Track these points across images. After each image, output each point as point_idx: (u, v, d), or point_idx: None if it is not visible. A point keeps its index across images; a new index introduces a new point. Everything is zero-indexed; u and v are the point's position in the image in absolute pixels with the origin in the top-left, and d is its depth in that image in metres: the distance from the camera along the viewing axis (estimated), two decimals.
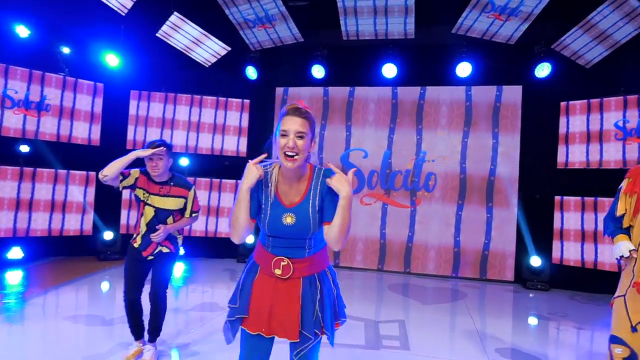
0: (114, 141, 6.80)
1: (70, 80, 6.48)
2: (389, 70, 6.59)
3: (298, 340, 1.82)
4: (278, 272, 1.85)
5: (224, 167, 7.22)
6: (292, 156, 1.73)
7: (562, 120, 6.21)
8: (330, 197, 1.81)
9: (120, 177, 2.98)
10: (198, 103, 7.13)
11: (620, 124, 5.73)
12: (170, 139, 6.97)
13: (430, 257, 6.77)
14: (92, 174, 6.67)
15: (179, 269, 6.37)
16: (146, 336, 3.26)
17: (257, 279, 1.90)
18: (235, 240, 1.86)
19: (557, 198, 6.22)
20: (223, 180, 7.17)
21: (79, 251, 6.79)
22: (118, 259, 6.73)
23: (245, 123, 7.23)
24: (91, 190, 6.71)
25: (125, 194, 6.92)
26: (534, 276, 6.22)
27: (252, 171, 1.77)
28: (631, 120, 5.64)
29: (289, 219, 1.79)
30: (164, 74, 7.13)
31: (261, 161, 1.84)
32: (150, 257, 3.13)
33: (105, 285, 5.50)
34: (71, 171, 6.53)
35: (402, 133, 6.91)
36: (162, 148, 2.98)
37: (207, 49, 6.67)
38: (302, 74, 7.06)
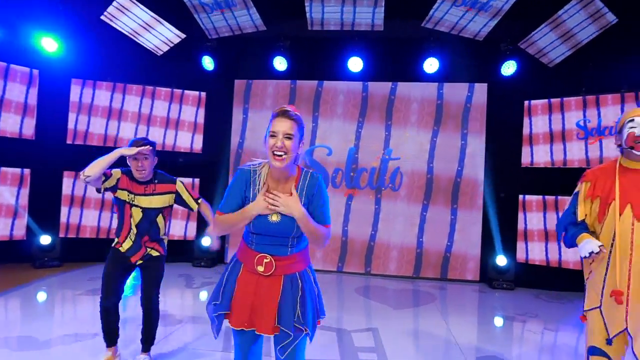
0: (51, 135, 6.09)
1: (0, 65, 5.72)
2: (355, 64, 6.33)
3: (277, 335, 1.90)
4: (260, 269, 1.91)
5: (178, 164, 6.69)
6: (281, 156, 1.81)
7: (526, 119, 6.22)
8: (316, 200, 1.93)
9: (103, 178, 2.84)
10: (150, 94, 6.55)
11: (582, 123, 5.79)
12: (117, 131, 6.36)
13: (392, 257, 6.59)
14: (27, 171, 5.94)
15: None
16: (139, 346, 3.16)
17: (240, 276, 1.96)
18: (217, 234, 2.13)
19: (521, 197, 6.23)
20: (177, 179, 6.63)
21: (9, 258, 6.01)
22: (58, 265, 6.05)
23: (201, 119, 6.75)
24: (25, 192, 5.97)
25: (67, 188, 6.26)
26: (499, 275, 6.19)
27: (261, 204, 1.85)
28: (592, 120, 5.71)
29: (274, 217, 1.86)
30: (110, 61, 6.46)
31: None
32: (140, 262, 3.02)
33: (41, 296, 4.87)
34: (2, 168, 5.79)
35: (370, 128, 6.66)
36: (147, 147, 2.87)
37: (159, 35, 6.11)
38: (263, 66, 6.66)
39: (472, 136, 6.46)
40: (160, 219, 3.04)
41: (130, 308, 4.39)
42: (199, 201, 3.14)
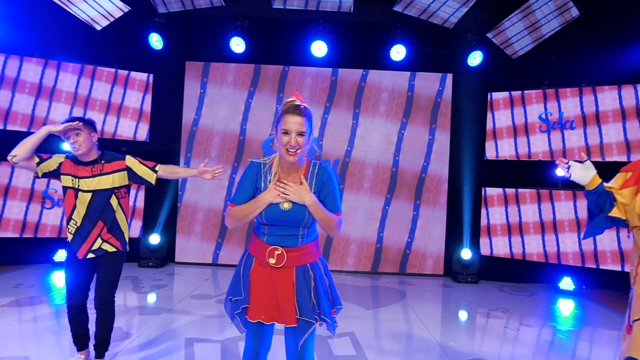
0: None
1: None
2: (319, 48, 5.92)
3: (296, 326, 1.91)
4: (272, 261, 1.94)
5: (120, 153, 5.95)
6: (295, 152, 1.88)
7: (489, 112, 6.13)
8: (326, 189, 1.99)
9: (37, 160, 2.67)
10: (90, 74, 5.76)
11: (544, 116, 5.80)
12: (47, 111, 5.52)
13: (351, 251, 6.32)
14: None
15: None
16: (91, 351, 2.92)
17: (253, 270, 1.98)
18: (231, 226, 2.05)
19: (483, 191, 6.16)
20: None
21: None
22: None
23: (148, 105, 5.98)
24: None
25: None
26: (464, 269, 6.10)
27: (273, 192, 1.89)
28: (554, 113, 5.73)
29: (286, 205, 1.90)
30: (43, 34, 5.60)
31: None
32: (91, 256, 2.74)
33: None
34: None
35: (337, 114, 6.29)
36: (77, 122, 2.67)
37: (96, 6, 5.34)
38: (218, 47, 6.07)
39: (440, 132, 6.29)
40: (116, 206, 2.80)
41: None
42: (157, 168, 2.89)
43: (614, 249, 5.29)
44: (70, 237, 2.76)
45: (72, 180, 2.73)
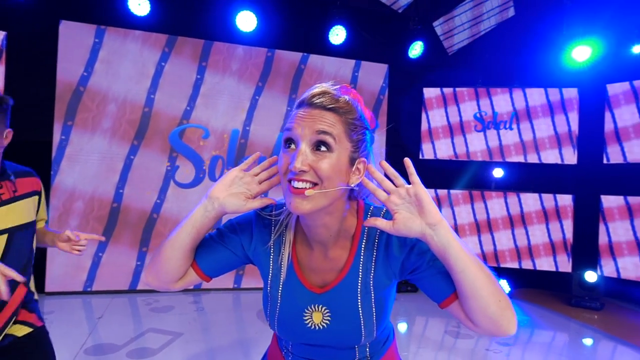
0: None
1: None
2: (246, 20, 4.93)
3: None
4: None
5: None
6: (303, 188, 0.87)
7: (424, 109, 5.89)
8: (425, 265, 0.93)
9: None
10: None
11: (479, 115, 5.77)
12: None
13: None
14: None
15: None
16: None
17: None
18: (152, 283, 1.01)
19: None
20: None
21: None
22: None
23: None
24: None
25: None
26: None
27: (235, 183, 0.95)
28: (487, 112, 5.74)
29: (316, 318, 0.96)
30: None
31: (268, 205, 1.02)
32: None
33: None
34: None
35: (270, 97, 5.29)
36: None
37: None
38: (112, 7, 4.65)
39: (378, 132, 5.76)
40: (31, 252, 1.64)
41: None
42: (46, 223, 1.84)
43: (545, 241, 5.26)
44: None
45: None
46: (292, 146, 0.91)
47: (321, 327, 0.96)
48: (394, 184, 0.91)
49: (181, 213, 4.86)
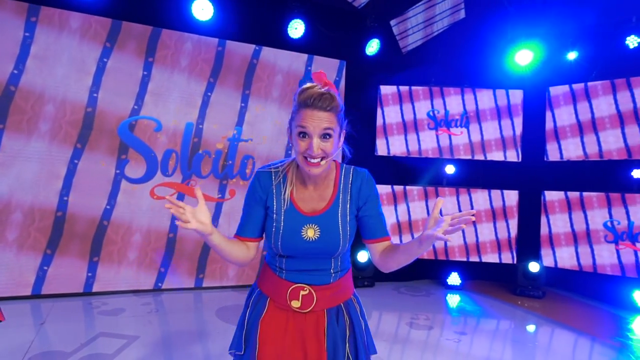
0: None
1: None
2: (203, 8, 4.75)
3: None
4: (296, 304, 1.44)
5: None
6: (317, 162, 1.35)
7: (379, 106, 5.96)
8: (371, 207, 1.48)
9: None
10: None
11: (431, 113, 5.93)
12: None
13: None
14: None
15: None
16: None
17: (265, 315, 1.46)
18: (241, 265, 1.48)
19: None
20: None
21: None
22: None
23: None
24: None
25: None
26: (359, 272, 5.63)
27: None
28: (440, 111, 5.91)
29: (310, 232, 1.41)
30: None
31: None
32: None
33: None
34: None
35: (223, 93, 5.08)
36: None
37: None
38: None
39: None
40: None
41: None
42: None
43: (492, 239, 5.61)
44: None
45: None
46: (306, 137, 1.34)
47: (314, 238, 1.41)
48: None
49: (134, 217, 4.60)
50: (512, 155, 5.53)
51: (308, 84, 1.38)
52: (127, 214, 4.59)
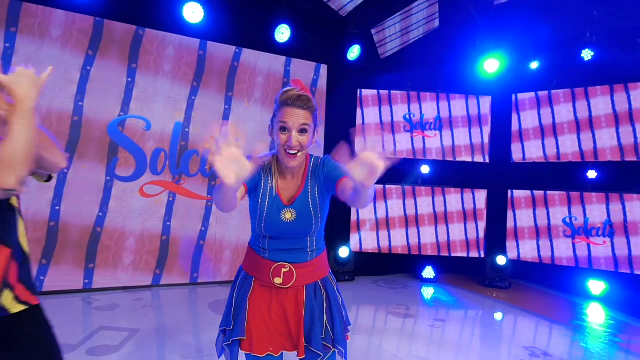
0: None
1: None
2: (193, 11, 4.72)
3: (304, 357, 1.63)
4: (278, 280, 1.66)
5: None
6: (295, 154, 1.58)
7: (359, 108, 6.20)
8: (328, 167, 1.69)
9: None
10: None
11: (407, 117, 6.23)
12: None
13: (225, 258, 5.39)
14: None
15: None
16: None
17: (252, 293, 1.69)
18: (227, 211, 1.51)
19: None
20: None
21: None
22: None
23: None
24: None
25: None
26: (340, 267, 5.94)
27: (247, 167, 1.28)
28: (416, 114, 6.22)
29: (288, 215, 1.64)
30: None
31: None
32: None
33: None
34: None
35: (207, 96, 5.18)
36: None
37: None
38: None
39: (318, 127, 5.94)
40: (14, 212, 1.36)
41: None
42: None
43: (462, 239, 6.04)
44: None
45: None
46: (286, 132, 1.57)
47: (291, 220, 1.64)
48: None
49: (127, 222, 4.71)
50: (480, 159, 5.94)
51: (288, 87, 1.61)
52: (120, 220, 4.69)
